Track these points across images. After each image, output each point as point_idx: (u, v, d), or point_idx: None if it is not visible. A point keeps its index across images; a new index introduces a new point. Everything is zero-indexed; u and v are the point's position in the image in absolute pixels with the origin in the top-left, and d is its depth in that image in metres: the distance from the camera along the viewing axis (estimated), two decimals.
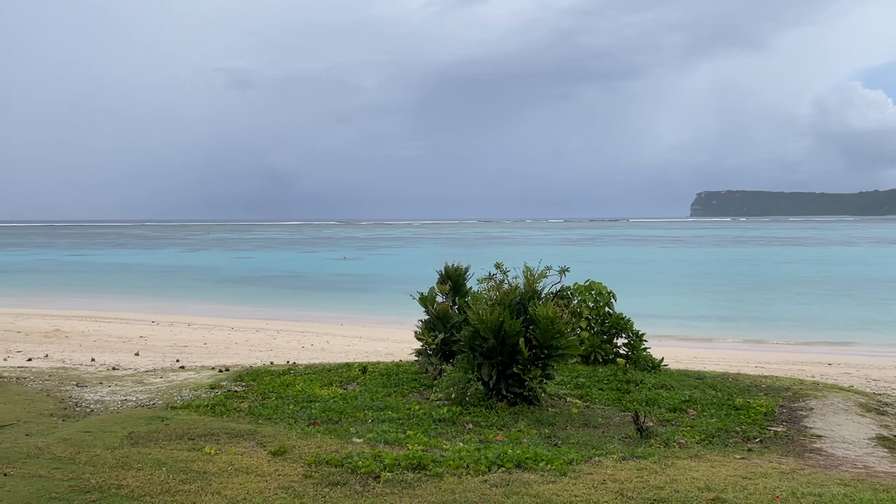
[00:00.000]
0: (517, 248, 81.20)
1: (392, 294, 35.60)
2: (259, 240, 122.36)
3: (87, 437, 7.18)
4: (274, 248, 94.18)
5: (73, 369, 14.63)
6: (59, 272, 53.63)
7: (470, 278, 11.63)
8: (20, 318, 24.92)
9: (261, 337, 21.80)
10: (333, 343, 20.72)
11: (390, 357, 15.93)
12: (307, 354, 17.73)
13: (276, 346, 19.68)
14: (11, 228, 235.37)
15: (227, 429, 7.70)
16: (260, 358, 16.71)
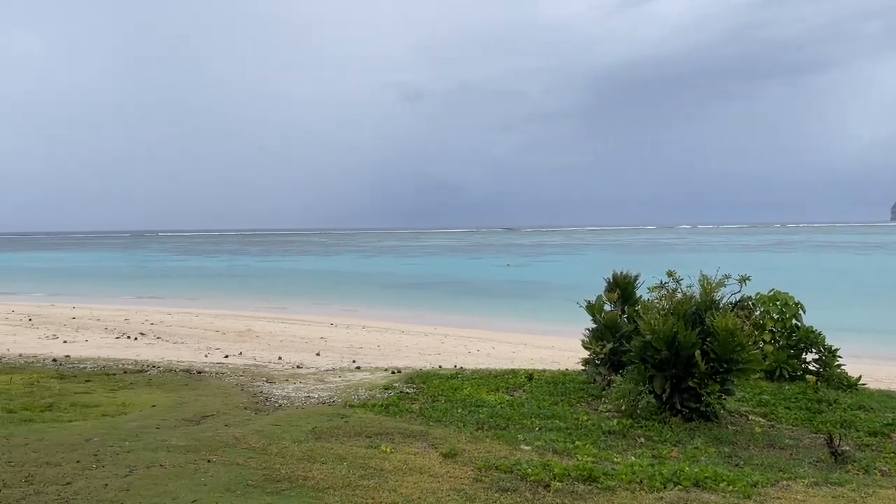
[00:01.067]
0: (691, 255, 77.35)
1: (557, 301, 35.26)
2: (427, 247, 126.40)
3: (277, 430, 7.77)
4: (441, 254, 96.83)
5: (263, 366, 15.94)
6: (250, 276, 58.70)
7: (640, 286, 11.24)
8: (218, 319, 27.56)
9: (429, 341, 22.48)
10: (498, 349, 20.90)
11: (556, 365, 15.80)
12: (473, 359, 18.02)
13: (444, 350, 20.19)
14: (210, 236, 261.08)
15: (401, 429, 8.01)
16: (429, 361, 17.23)
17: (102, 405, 10.46)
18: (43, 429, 7.65)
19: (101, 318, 26.94)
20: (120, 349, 18.90)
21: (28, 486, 5.26)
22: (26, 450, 6.33)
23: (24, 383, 12.27)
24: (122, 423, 8.17)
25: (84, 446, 6.49)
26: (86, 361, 15.80)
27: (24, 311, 28.97)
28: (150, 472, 5.76)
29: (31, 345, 19.39)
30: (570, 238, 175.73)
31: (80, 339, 20.99)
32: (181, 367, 15.00)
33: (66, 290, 44.13)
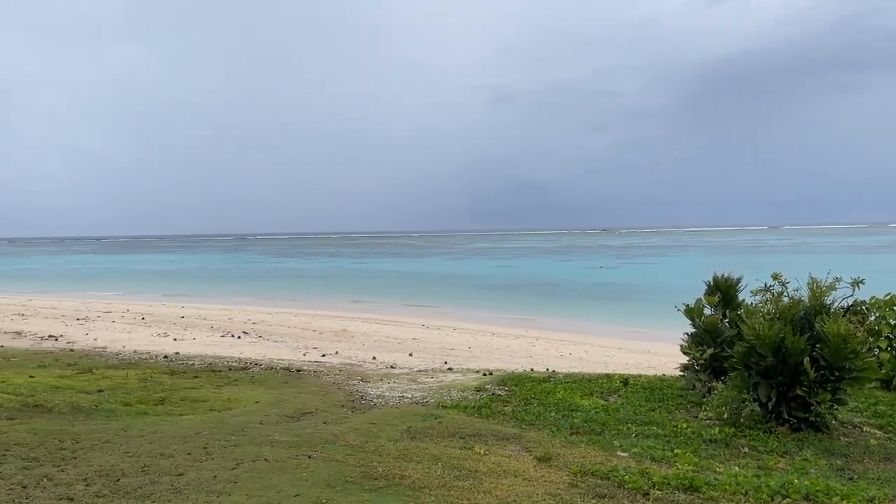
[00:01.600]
0: (797, 257, 73.51)
1: (652, 305, 34.32)
2: (518, 249, 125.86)
3: (373, 428, 7.94)
4: (532, 256, 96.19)
5: (358, 366, 16.32)
6: (345, 278, 60.26)
7: (742, 290, 10.79)
8: (315, 319, 28.45)
9: (520, 343, 22.38)
10: (591, 353, 20.56)
11: (652, 370, 15.38)
12: (565, 363, 17.81)
13: (535, 353, 20.04)
14: (306, 239, 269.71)
15: (494, 431, 8.02)
16: (520, 364, 17.15)
17: (209, 400, 11.01)
18: (157, 422, 8.12)
19: (207, 318, 28.33)
20: (224, 347, 19.81)
21: (144, 475, 5.59)
22: (142, 441, 6.73)
23: (138, 378, 13.08)
24: (228, 418, 8.56)
25: (194, 439, 6.85)
26: (194, 358, 16.66)
27: (138, 311, 30.86)
28: (255, 465, 6.01)
29: (144, 342, 20.62)
30: (665, 240, 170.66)
31: (188, 337, 22.15)
32: (281, 366, 15.57)
33: (175, 290, 46.71)
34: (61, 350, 18.25)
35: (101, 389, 11.36)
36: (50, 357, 16.40)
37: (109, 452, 6.21)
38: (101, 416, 8.89)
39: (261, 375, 14.02)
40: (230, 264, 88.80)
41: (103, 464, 5.82)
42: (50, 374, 13.30)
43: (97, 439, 6.69)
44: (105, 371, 13.97)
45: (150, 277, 64.43)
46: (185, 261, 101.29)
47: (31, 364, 14.89)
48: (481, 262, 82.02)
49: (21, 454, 6.02)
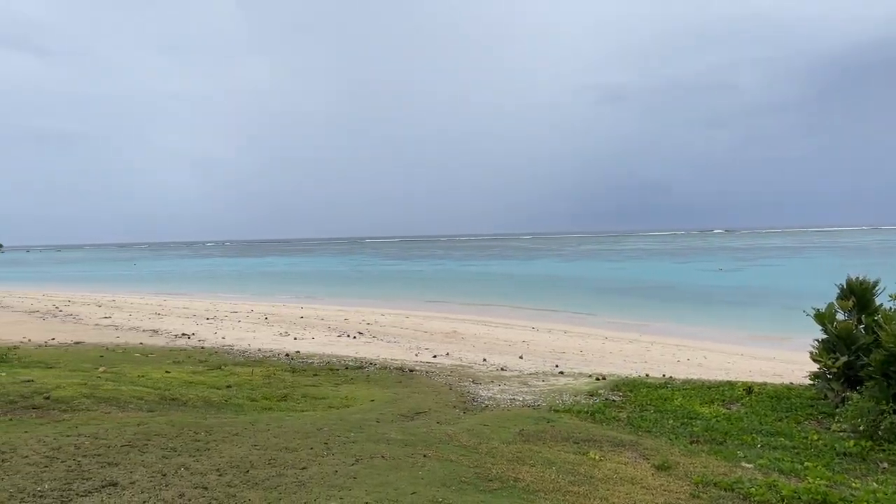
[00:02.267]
0: None
1: (777, 309, 32.53)
2: (630, 250, 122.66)
3: (486, 429, 7.98)
4: (645, 258, 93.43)
5: (469, 367, 16.45)
6: (455, 280, 60.87)
7: (879, 294, 10.03)
8: (426, 320, 28.92)
9: (634, 348, 21.79)
10: (710, 359, 19.72)
11: (778, 378, 14.58)
12: (682, 369, 17.18)
13: (650, 358, 19.46)
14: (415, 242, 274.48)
15: (609, 436, 7.86)
16: (634, 369, 16.71)
17: (328, 398, 11.44)
18: (281, 417, 8.52)
19: (325, 318, 29.44)
20: (341, 346, 20.52)
21: (271, 468, 5.89)
22: (268, 435, 7.09)
23: (262, 375, 13.79)
24: (346, 415, 8.86)
25: (316, 435, 7.14)
26: (313, 357, 17.37)
27: (262, 311, 32.50)
28: (373, 462, 6.19)
29: (267, 341, 21.70)
30: (790, 240, 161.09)
31: (307, 337, 23.10)
32: (395, 366, 15.95)
33: (294, 291, 48.84)
34: (193, 347, 19.53)
35: (229, 385, 12.06)
36: (183, 354, 17.58)
37: (239, 445, 6.59)
38: (231, 410, 9.43)
39: (376, 375, 14.42)
40: (345, 267, 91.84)
41: (234, 455, 6.18)
42: (183, 369, 14.27)
43: (227, 432, 7.10)
44: (233, 368, 14.83)
45: (271, 279, 67.72)
46: (303, 263, 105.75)
47: (166, 360, 16.03)
48: (592, 265, 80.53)
49: (160, 444, 6.49)
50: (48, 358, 15.25)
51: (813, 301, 10.67)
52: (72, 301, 38.87)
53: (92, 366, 14.04)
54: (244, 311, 32.29)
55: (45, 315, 30.72)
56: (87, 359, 15.72)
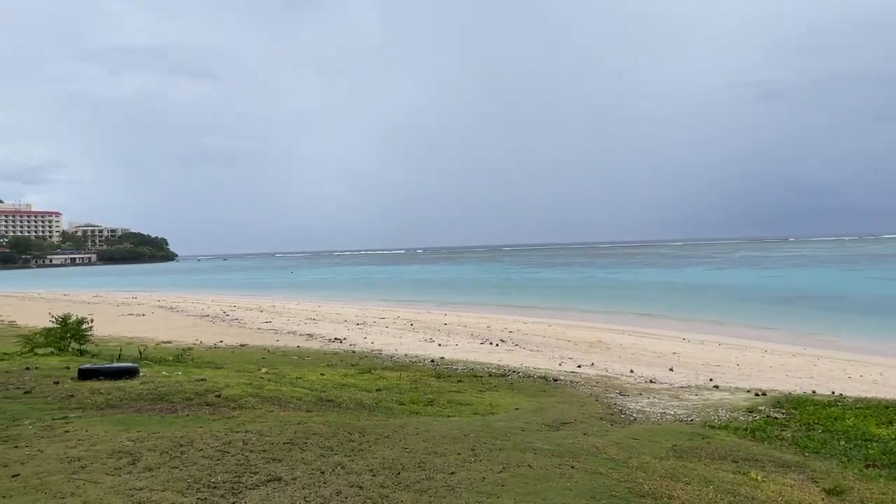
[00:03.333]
0: None
1: None
2: (790, 257, 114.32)
3: (635, 443, 7.73)
4: (808, 266, 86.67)
5: (615, 378, 16.02)
6: (598, 288, 59.56)
7: None
8: (569, 329, 28.49)
9: (798, 362, 20.25)
10: (888, 376, 17.92)
11: None
12: (855, 386, 15.76)
13: (817, 374, 17.99)
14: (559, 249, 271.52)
15: (772, 456, 7.35)
16: (798, 385, 15.54)
17: (473, 404, 11.57)
18: (429, 422, 8.72)
19: (467, 325, 29.83)
20: (484, 353, 20.68)
21: (421, 471, 6.03)
22: (417, 439, 7.27)
23: (409, 380, 14.19)
24: (491, 422, 8.91)
25: (463, 440, 7.23)
26: (457, 363, 17.65)
27: (407, 317, 33.50)
28: (520, 471, 6.17)
29: (413, 346, 22.30)
30: None
31: (451, 343, 23.50)
32: (538, 374, 15.86)
33: (437, 298, 49.91)
34: (345, 351, 20.47)
35: (379, 388, 12.52)
36: (336, 357, 18.48)
37: (390, 447, 6.81)
38: (381, 413, 9.78)
39: (519, 383, 14.40)
40: (486, 274, 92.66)
41: (386, 457, 6.39)
42: (337, 372, 14.99)
43: (379, 434, 7.37)
44: (381, 372, 15.38)
45: (416, 287, 69.66)
46: (445, 271, 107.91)
47: (321, 363, 16.92)
48: (747, 273, 75.84)
49: (318, 443, 6.84)
50: (217, 359, 16.58)
51: None
52: (237, 306, 42.06)
53: (255, 367, 15.10)
54: (391, 318, 33.42)
55: (214, 319, 33.44)
56: (250, 360, 16.93)
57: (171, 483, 5.28)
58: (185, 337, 24.30)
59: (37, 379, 10.25)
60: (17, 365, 12.02)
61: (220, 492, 5.19)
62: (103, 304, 44.96)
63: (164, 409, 8.49)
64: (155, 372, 11.58)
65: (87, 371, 10.40)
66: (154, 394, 9.21)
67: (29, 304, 47.24)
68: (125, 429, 7.06)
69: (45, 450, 6.12)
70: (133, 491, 5.05)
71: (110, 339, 21.33)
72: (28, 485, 5.11)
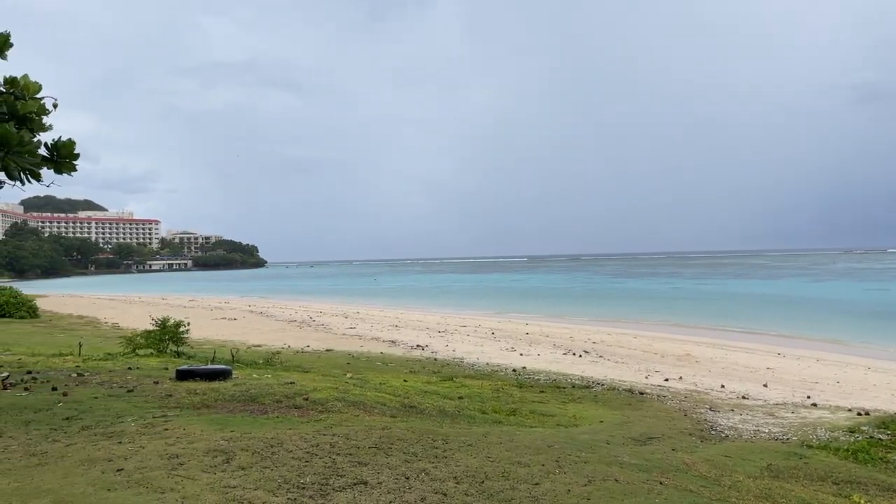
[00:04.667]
0: None
1: None
2: (893, 269, 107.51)
3: (727, 461, 7.44)
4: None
5: (705, 393, 15.48)
6: (685, 299, 57.78)
7: None
8: (656, 341, 27.74)
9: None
10: None
11: None
12: None
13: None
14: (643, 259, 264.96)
15: (876, 479, 6.93)
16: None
17: (556, 415, 11.43)
18: (511, 431, 8.67)
19: (549, 335, 29.51)
20: (566, 364, 20.40)
21: (505, 480, 6.00)
22: (501, 448, 7.24)
23: (491, 389, 14.16)
24: (575, 434, 8.78)
25: (547, 451, 7.15)
26: (539, 374, 17.48)
27: (489, 326, 33.47)
28: (606, 484, 6.04)
29: (495, 355, 22.25)
30: None
31: (532, 353, 23.32)
32: (623, 387, 15.51)
33: (518, 307, 49.63)
34: (427, 358, 20.64)
35: (461, 396, 12.55)
36: (418, 364, 18.66)
37: (473, 455, 6.81)
38: (464, 420, 9.79)
39: (603, 395, 14.13)
40: (567, 283, 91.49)
41: (469, 465, 6.39)
42: (419, 379, 15.13)
43: (462, 442, 7.38)
44: (463, 380, 15.42)
45: (497, 295, 69.54)
46: (526, 280, 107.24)
47: (404, 369, 17.12)
48: (848, 285, 71.79)
49: (403, 448, 6.91)
50: (304, 363, 17.05)
51: None
52: (323, 312, 43.14)
53: (340, 371, 15.43)
54: (472, 326, 33.46)
55: (301, 324, 34.40)
56: (336, 365, 17.32)
57: (263, 482, 5.46)
58: (273, 341, 25.11)
59: (138, 378, 10.83)
60: (121, 365, 12.73)
61: (309, 493, 5.32)
62: (198, 308, 47.05)
63: (255, 410, 8.80)
64: (246, 374, 12.01)
65: (184, 372, 10.90)
66: (246, 395, 9.55)
67: (131, 307, 49.99)
68: (220, 428, 7.35)
69: (146, 446, 6.45)
70: (227, 489, 5.24)
71: (205, 342, 22.29)
72: (131, 479, 5.39)
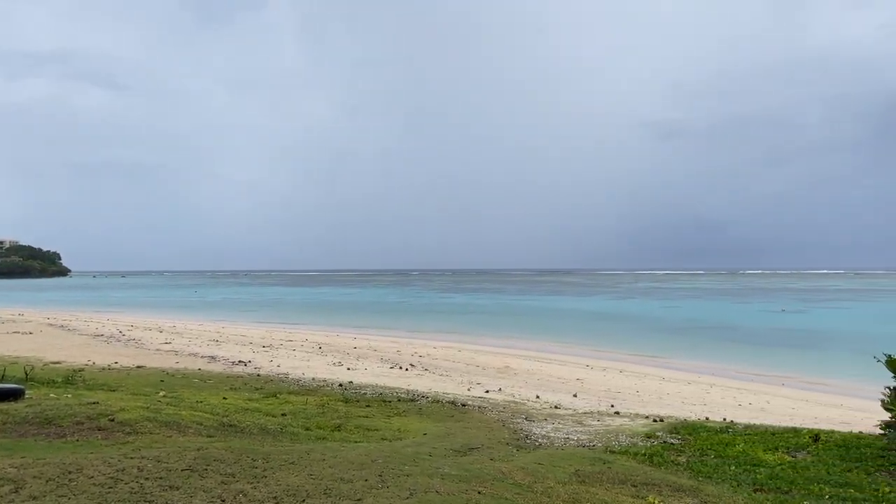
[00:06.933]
0: None
1: (844, 354, 31.29)
2: (687, 289, 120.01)
3: (540, 468, 7.86)
4: (703, 297, 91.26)
5: (522, 404, 16.26)
6: (508, 315, 60.53)
7: None
8: (479, 354, 28.78)
9: (692, 390, 21.20)
10: (774, 404, 19.02)
11: (846, 426, 13.95)
12: (744, 413, 16.61)
13: (710, 401, 18.89)
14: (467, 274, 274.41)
15: (668, 481, 7.64)
16: (693, 412, 16.25)
17: (381, 429, 11.46)
18: (336, 447, 8.57)
19: (377, 349, 29.60)
20: (393, 378, 20.56)
21: (326, 497, 5.91)
22: (324, 465, 7.13)
23: (316, 405, 13.91)
24: (399, 448, 8.85)
25: (370, 466, 7.15)
26: (366, 388, 17.45)
27: (316, 340, 32.91)
28: (428, 497, 6.15)
29: (321, 370, 21.91)
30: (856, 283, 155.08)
31: (360, 367, 23.25)
32: (447, 399, 15.88)
33: (347, 322, 49.33)
34: (249, 374, 19.87)
35: (284, 413, 12.21)
36: (240, 381, 17.90)
37: (295, 473, 6.64)
38: (286, 438, 9.53)
39: (428, 408, 14.38)
40: (396, 298, 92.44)
41: (290, 484, 6.23)
42: (240, 396, 14.51)
43: (284, 460, 7.18)
44: (287, 396, 15.01)
45: (325, 310, 68.61)
46: (356, 294, 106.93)
47: (224, 386, 16.35)
48: (648, 303, 79.02)
49: (219, 469, 6.59)
50: (112, 381, 15.75)
51: (882, 346, 10.25)
52: (134, 326, 40.13)
53: (153, 390, 14.42)
54: (298, 341, 32.75)
55: (109, 339, 31.76)
56: (148, 383, 16.17)
57: None
58: (76, 357, 22.96)
59: None
60: None
61: None
62: None
63: (52, 433, 7.98)
64: (42, 394, 10.87)
65: None
66: (40, 417, 8.64)
67: None
68: (8, 454, 6.59)
69: None
70: None
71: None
72: None
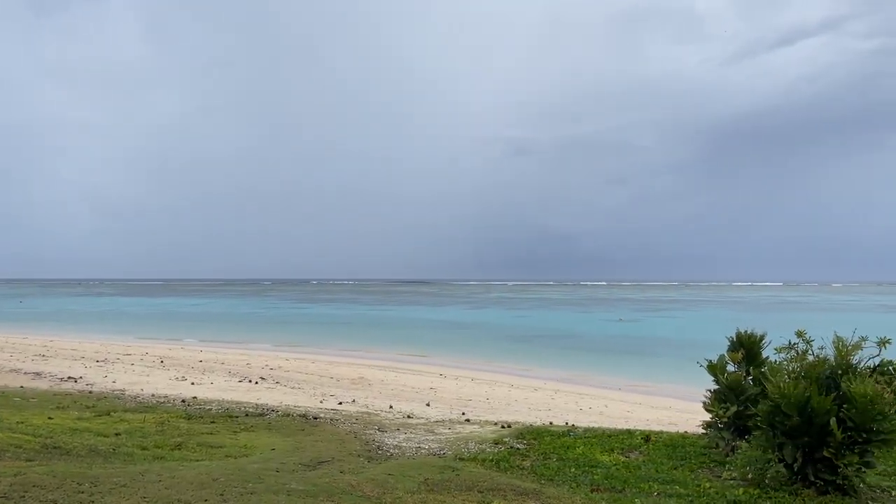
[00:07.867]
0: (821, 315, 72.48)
1: (673, 359, 33.91)
2: (535, 300, 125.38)
3: (390, 479, 7.85)
4: (550, 308, 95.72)
5: (375, 415, 16.20)
6: (363, 325, 60.23)
7: (766, 347, 10.64)
8: (333, 366, 28.38)
9: (539, 396, 22.12)
10: (612, 407, 20.26)
11: (673, 427, 15.14)
12: (585, 417, 17.56)
13: (554, 406, 19.79)
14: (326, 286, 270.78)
15: (513, 485, 7.89)
16: (539, 417, 16.94)
17: (226, 446, 10.96)
18: (174, 467, 8.09)
19: (226, 362, 28.37)
20: (242, 392, 19.79)
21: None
22: (159, 486, 6.71)
23: (155, 422, 13.07)
24: (245, 465, 8.51)
25: (211, 485, 6.81)
26: (211, 403, 16.64)
27: (157, 354, 31.00)
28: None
29: (163, 386, 20.67)
30: (686, 294, 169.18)
31: (206, 382, 22.17)
32: (298, 413, 15.50)
33: (193, 334, 46.92)
34: (80, 392, 18.35)
35: (118, 433, 11.37)
36: (69, 399, 16.46)
37: (126, 497, 6.20)
38: (119, 459, 8.88)
39: (278, 422, 13.95)
40: (248, 309, 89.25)
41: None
42: (68, 415, 13.34)
43: (115, 483, 6.68)
44: (123, 414, 13.99)
45: (169, 320, 64.87)
46: (203, 305, 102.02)
47: (49, 405, 14.95)
48: (499, 313, 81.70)
49: (39, 496, 6.02)
50: None
51: (705, 352, 11.19)
52: None
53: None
54: (138, 354, 30.70)
55: None
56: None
57: None
58: None
59: None
60: None
61: None
62: None
63: None
64: None
65: None
66: None
67: None
68: None
69: None
70: None
71: None
72: None
